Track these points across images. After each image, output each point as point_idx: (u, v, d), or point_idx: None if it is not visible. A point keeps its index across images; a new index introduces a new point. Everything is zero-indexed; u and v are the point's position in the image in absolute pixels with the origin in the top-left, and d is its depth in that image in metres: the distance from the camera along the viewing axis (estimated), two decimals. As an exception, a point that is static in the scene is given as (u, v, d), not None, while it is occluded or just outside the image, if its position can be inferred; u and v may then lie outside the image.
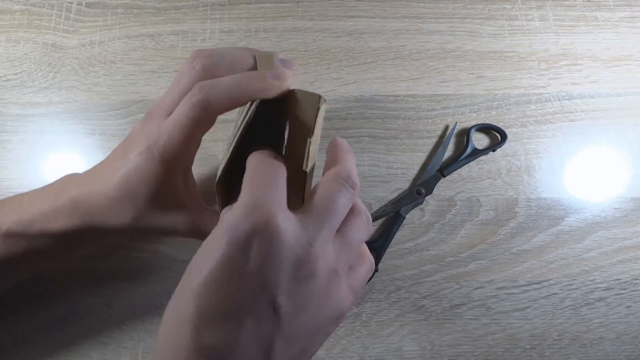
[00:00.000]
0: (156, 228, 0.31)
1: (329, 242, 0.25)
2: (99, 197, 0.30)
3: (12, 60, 0.45)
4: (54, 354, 0.37)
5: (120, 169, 0.30)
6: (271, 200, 0.23)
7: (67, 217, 0.30)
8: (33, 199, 0.32)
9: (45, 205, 0.31)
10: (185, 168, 0.31)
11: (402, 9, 0.47)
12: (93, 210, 0.30)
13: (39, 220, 0.31)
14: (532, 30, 0.47)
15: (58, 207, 0.31)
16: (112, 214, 0.30)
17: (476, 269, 0.40)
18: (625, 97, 0.45)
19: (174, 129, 0.28)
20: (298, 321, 0.23)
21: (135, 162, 0.29)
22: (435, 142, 0.43)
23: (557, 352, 0.38)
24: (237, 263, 0.22)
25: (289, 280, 0.23)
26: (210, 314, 0.22)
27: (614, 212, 0.42)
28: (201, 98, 0.28)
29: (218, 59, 0.30)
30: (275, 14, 0.47)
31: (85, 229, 0.31)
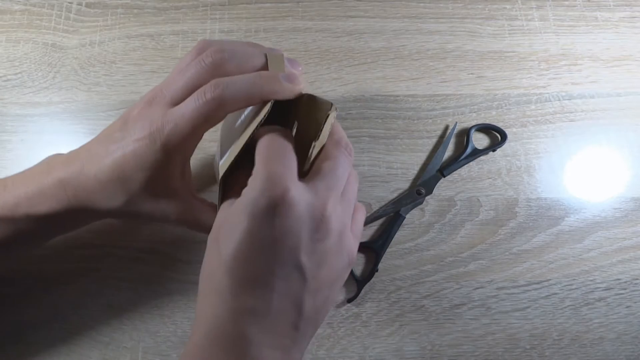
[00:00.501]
0: (146, 214, 0.31)
1: (337, 203, 0.27)
2: (89, 179, 0.30)
3: (12, 60, 0.45)
4: (54, 354, 0.37)
5: (115, 152, 0.29)
6: (285, 174, 0.25)
7: (54, 200, 0.30)
8: (17, 182, 0.31)
9: (30, 188, 0.30)
10: (184, 159, 0.31)
11: (402, 9, 0.47)
12: (82, 193, 0.30)
13: (24, 204, 0.30)
14: (532, 30, 0.47)
15: (44, 190, 0.30)
16: (103, 196, 0.30)
17: (476, 269, 0.40)
18: (625, 97, 0.45)
19: (183, 120, 0.28)
20: (320, 275, 0.26)
21: (134, 147, 0.29)
22: (435, 142, 0.43)
23: (557, 352, 0.38)
24: (260, 234, 0.25)
25: (308, 242, 0.25)
26: (244, 283, 0.25)
27: (614, 212, 0.42)
28: (216, 95, 0.28)
29: (229, 56, 0.30)
30: (275, 14, 0.47)
31: (73, 211, 0.30)
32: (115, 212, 0.31)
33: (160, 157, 0.28)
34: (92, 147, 0.31)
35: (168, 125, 0.28)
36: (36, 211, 0.30)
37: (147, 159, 0.28)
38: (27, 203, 0.30)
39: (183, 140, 0.28)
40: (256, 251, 0.25)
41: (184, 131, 0.28)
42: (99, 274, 0.39)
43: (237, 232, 0.25)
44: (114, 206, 0.30)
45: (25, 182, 0.31)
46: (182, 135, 0.28)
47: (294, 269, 0.25)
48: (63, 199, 0.30)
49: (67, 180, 0.30)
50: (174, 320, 0.38)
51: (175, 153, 0.29)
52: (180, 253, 0.40)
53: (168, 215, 0.31)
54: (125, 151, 0.29)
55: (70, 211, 0.30)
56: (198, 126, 0.28)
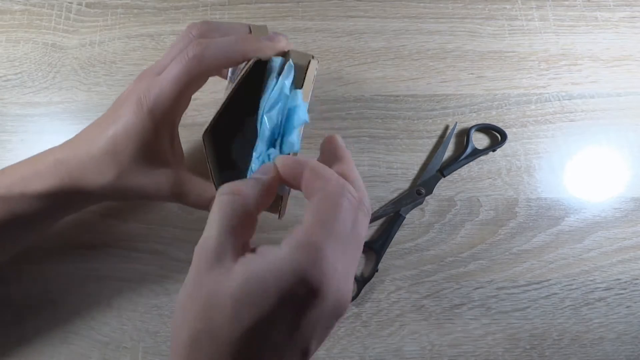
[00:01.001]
0: (138, 188, 0.31)
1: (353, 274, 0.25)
2: (83, 156, 0.30)
3: (12, 60, 0.45)
4: (55, 354, 0.37)
5: (107, 128, 0.30)
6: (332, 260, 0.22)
7: (48, 178, 0.31)
8: (15, 167, 0.32)
9: (26, 170, 0.31)
10: (172, 125, 0.31)
11: (402, 9, 0.47)
12: (76, 169, 0.30)
13: (19, 183, 0.31)
14: (532, 30, 0.47)
15: (40, 170, 0.31)
16: (95, 171, 0.30)
17: (476, 269, 0.40)
18: (625, 97, 0.45)
19: (167, 82, 0.29)
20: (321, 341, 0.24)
21: (124, 119, 0.30)
22: (435, 142, 0.43)
23: (557, 352, 0.38)
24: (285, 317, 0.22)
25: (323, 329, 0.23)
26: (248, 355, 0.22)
27: (614, 212, 0.42)
28: (197, 53, 0.28)
29: (215, 27, 0.31)
30: (275, 14, 0.47)
31: (67, 190, 0.31)
32: (108, 189, 0.31)
33: (148, 124, 0.29)
34: (88, 129, 0.32)
35: (153, 90, 0.29)
36: (31, 190, 0.31)
37: (136, 127, 0.29)
38: (22, 183, 0.31)
39: (169, 103, 0.29)
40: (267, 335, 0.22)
41: (169, 93, 0.29)
42: (99, 274, 0.39)
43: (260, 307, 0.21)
44: (106, 181, 0.30)
45: (23, 165, 0.32)
46: (167, 98, 0.29)
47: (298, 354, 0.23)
48: (57, 178, 0.31)
49: (62, 159, 0.31)
50: (174, 320, 0.38)
51: (161, 117, 0.29)
52: (180, 253, 0.40)
53: (160, 188, 0.31)
54: (116, 125, 0.30)
55: (64, 191, 0.31)
56: (182, 86, 0.29)
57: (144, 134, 0.29)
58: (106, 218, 0.40)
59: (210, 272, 0.22)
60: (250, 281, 0.22)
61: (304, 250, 0.22)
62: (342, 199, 0.24)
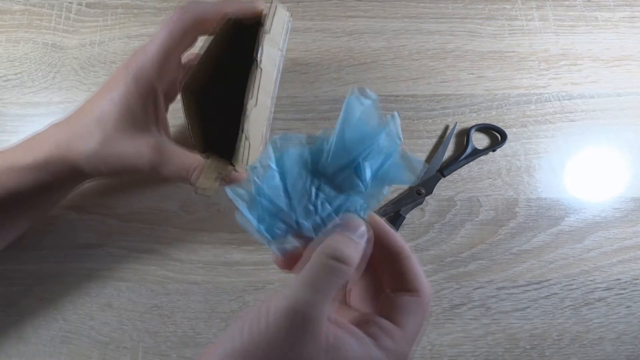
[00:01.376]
0: (119, 155, 0.32)
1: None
2: (72, 125, 0.32)
3: (12, 60, 0.45)
4: (54, 354, 0.37)
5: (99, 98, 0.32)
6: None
7: (37, 150, 0.32)
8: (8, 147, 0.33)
9: (18, 146, 0.33)
10: (155, 92, 0.32)
11: (402, 9, 0.47)
12: (64, 139, 0.32)
13: (9, 157, 0.32)
14: (532, 30, 0.47)
15: (30, 144, 0.32)
16: (82, 139, 0.31)
17: (476, 269, 0.40)
18: (625, 97, 0.45)
19: (151, 46, 0.31)
20: None
21: (112, 87, 0.31)
22: (435, 142, 0.43)
23: (557, 352, 0.38)
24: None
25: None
26: None
27: (614, 212, 0.42)
28: (178, 14, 0.31)
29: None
30: (275, 14, 0.47)
31: (55, 160, 0.31)
32: (92, 157, 0.31)
33: (132, 89, 0.31)
34: (83, 104, 0.34)
35: (140, 57, 0.31)
36: (19, 162, 0.31)
37: (121, 94, 0.31)
38: (11, 156, 0.32)
39: (153, 67, 0.31)
40: None
41: (153, 56, 0.31)
42: (99, 274, 0.39)
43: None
44: (91, 149, 0.31)
45: (16, 144, 0.33)
46: (151, 61, 0.31)
47: None
48: (45, 148, 0.32)
49: (51, 131, 0.32)
50: (174, 320, 0.38)
51: (146, 84, 0.31)
52: (180, 253, 0.40)
53: (140, 156, 0.32)
54: (105, 95, 0.32)
55: (52, 162, 0.32)
56: (165, 47, 0.31)
57: (128, 99, 0.31)
58: (106, 218, 0.40)
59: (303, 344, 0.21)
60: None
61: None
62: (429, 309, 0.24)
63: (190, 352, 0.37)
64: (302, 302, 0.21)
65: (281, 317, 0.21)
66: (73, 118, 0.33)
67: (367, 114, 0.24)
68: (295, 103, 0.44)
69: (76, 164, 0.32)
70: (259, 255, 0.40)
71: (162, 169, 0.33)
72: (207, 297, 0.39)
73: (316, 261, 0.22)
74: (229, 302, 0.39)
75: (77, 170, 0.33)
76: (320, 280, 0.22)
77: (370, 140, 0.24)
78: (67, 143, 0.31)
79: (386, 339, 0.22)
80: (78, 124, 0.32)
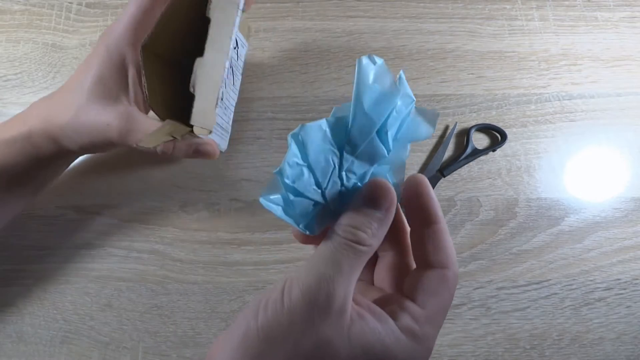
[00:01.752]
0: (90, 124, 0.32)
1: None
2: (54, 100, 0.34)
3: (12, 60, 0.45)
4: (54, 354, 0.37)
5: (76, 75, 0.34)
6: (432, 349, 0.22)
7: (21, 124, 0.33)
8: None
9: (4, 122, 0.34)
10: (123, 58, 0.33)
11: (402, 9, 0.47)
12: (44, 112, 0.33)
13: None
14: (532, 30, 0.47)
15: (15, 119, 0.34)
16: (60, 111, 0.33)
17: (476, 269, 0.40)
18: (625, 97, 0.45)
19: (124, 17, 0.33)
20: None
21: (88, 61, 0.33)
22: (435, 142, 0.43)
23: (557, 352, 0.38)
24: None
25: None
26: None
27: (614, 212, 0.42)
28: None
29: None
30: (275, 14, 0.47)
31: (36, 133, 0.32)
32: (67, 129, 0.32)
33: (105, 58, 0.33)
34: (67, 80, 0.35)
35: (113, 26, 0.33)
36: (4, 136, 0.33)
37: (93, 64, 0.33)
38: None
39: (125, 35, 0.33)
40: None
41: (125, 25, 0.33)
42: (99, 274, 0.39)
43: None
44: (66, 119, 0.32)
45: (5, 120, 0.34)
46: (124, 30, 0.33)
47: None
48: (28, 123, 0.33)
49: (37, 105, 0.34)
50: (174, 320, 0.38)
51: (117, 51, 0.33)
52: (180, 253, 0.40)
53: (109, 124, 0.32)
54: (83, 68, 0.33)
55: (33, 135, 0.32)
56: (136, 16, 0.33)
57: (102, 70, 0.32)
58: (106, 218, 0.40)
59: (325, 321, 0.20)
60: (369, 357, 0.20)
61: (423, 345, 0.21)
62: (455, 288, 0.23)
63: (190, 352, 0.37)
64: (322, 279, 0.20)
65: (302, 294, 0.20)
66: (56, 93, 0.34)
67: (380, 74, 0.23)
68: (295, 103, 0.44)
69: (54, 136, 0.33)
70: (259, 255, 0.40)
71: (129, 138, 0.33)
72: (207, 297, 0.39)
73: (334, 238, 0.22)
74: (229, 302, 0.39)
75: (57, 143, 0.33)
76: (338, 256, 0.21)
77: (387, 103, 0.23)
78: (47, 115, 0.33)
79: (407, 319, 0.22)
80: (59, 97, 0.34)
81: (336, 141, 0.23)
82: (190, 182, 0.41)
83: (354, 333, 0.20)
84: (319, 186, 0.23)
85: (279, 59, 0.45)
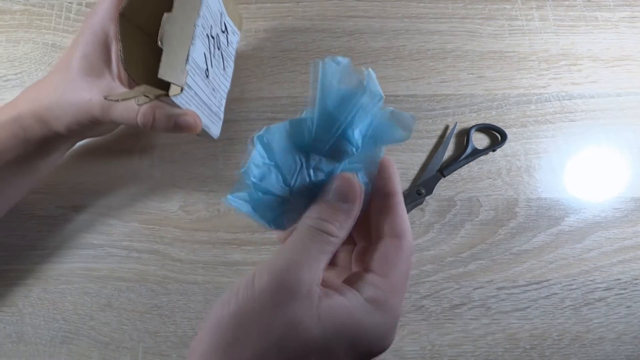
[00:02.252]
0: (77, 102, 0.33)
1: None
2: (44, 83, 0.34)
3: (12, 60, 0.45)
4: (54, 354, 0.37)
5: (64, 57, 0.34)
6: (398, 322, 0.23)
7: (12, 108, 0.33)
8: None
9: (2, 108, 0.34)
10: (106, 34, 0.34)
11: (402, 9, 0.47)
12: (33, 95, 0.34)
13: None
14: (532, 30, 0.47)
15: (8, 104, 0.34)
16: (47, 92, 0.33)
17: (476, 269, 0.40)
18: (625, 97, 0.45)
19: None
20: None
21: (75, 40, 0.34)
22: (435, 142, 0.43)
23: (557, 352, 0.38)
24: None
25: None
26: None
27: (614, 212, 0.42)
28: None
29: None
30: (275, 14, 0.47)
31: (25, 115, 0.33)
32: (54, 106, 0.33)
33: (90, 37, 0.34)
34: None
35: (97, 5, 0.34)
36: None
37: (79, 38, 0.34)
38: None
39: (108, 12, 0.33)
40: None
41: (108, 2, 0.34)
42: (99, 274, 0.39)
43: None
44: (53, 98, 0.33)
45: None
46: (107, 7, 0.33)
47: None
48: (18, 106, 0.33)
49: (28, 89, 0.35)
50: (174, 320, 0.38)
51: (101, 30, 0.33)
52: (180, 253, 0.40)
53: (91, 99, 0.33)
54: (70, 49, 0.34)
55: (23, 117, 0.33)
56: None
57: (86, 49, 0.33)
58: (106, 218, 0.40)
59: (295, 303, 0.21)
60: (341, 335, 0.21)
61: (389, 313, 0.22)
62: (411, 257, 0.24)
63: (190, 352, 0.37)
64: (291, 263, 0.22)
65: (272, 279, 0.21)
66: (45, 77, 0.35)
67: (344, 74, 0.23)
68: (295, 103, 0.44)
69: (42, 117, 0.33)
70: (258, 255, 0.40)
71: (111, 112, 0.33)
72: (207, 297, 0.39)
73: (303, 227, 0.23)
74: (229, 302, 0.39)
75: (45, 124, 0.34)
76: (307, 244, 0.22)
77: (352, 102, 0.23)
78: (36, 98, 0.33)
79: (371, 290, 0.22)
80: (47, 79, 0.34)
81: (300, 141, 0.24)
82: (190, 182, 0.41)
83: (323, 311, 0.21)
84: (286, 184, 0.24)
85: (279, 59, 0.45)
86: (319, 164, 0.25)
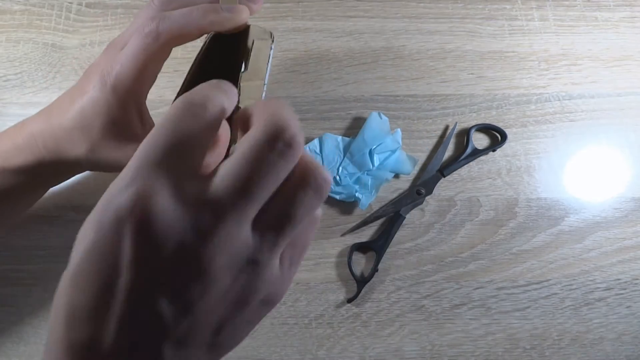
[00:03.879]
0: (112, 161, 0.31)
1: (241, 230, 0.19)
2: (55, 130, 0.31)
3: (12, 60, 0.45)
4: (54, 354, 0.37)
5: (76, 100, 0.30)
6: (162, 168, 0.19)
7: (27, 152, 0.31)
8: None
9: (6, 144, 0.32)
10: (137, 101, 0.31)
11: (402, 9, 0.47)
12: (50, 142, 0.31)
13: (1, 157, 0.31)
14: (532, 30, 0.47)
15: (18, 144, 0.31)
16: (69, 144, 0.31)
17: (476, 269, 0.40)
18: (625, 97, 0.45)
19: (126, 59, 0.29)
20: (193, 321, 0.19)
21: (90, 93, 0.30)
22: (435, 142, 0.43)
23: (557, 352, 0.38)
24: (103, 257, 0.19)
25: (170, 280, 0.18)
26: (78, 310, 0.19)
27: (614, 212, 0.42)
28: (153, 28, 0.28)
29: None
30: (275, 14, 0.47)
31: (46, 163, 0.31)
32: (82, 161, 0.31)
33: (113, 100, 0.29)
34: (59, 99, 0.33)
35: (115, 66, 0.29)
36: (10, 165, 0.31)
37: (101, 104, 0.30)
38: (3, 156, 0.31)
39: (131, 80, 0.29)
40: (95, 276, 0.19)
41: (129, 70, 0.29)
42: (99, 274, 0.39)
43: (81, 246, 0.20)
44: (80, 154, 0.31)
45: (1, 139, 0.32)
46: (128, 75, 0.29)
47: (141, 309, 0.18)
48: (35, 151, 0.31)
49: (37, 132, 0.31)
50: (174, 320, 0.38)
51: (125, 94, 0.30)
52: (180, 253, 0.40)
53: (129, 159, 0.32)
54: (83, 99, 0.30)
55: (44, 164, 0.31)
56: (141, 62, 0.29)
57: (110, 109, 0.30)
58: (106, 218, 0.40)
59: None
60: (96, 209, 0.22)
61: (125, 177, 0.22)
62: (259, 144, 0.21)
63: (190, 352, 0.37)
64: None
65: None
66: (55, 118, 0.31)
67: (382, 124, 0.42)
68: (295, 103, 0.44)
69: (67, 165, 0.32)
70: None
71: None
72: (207, 297, 0.39)
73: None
74: (229, 302, 0.39)
75: (70, 169, 0.33)
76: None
77: (380, 139, 0.41)
78: (55, 146, 0.31)
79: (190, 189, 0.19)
80: (60, 127, 0.31)
81: (342, 148, 0.42)
82: (190, 182, 0.41)
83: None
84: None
85: (279, 59, 0.45)
86: (347, 167, 0.41)
